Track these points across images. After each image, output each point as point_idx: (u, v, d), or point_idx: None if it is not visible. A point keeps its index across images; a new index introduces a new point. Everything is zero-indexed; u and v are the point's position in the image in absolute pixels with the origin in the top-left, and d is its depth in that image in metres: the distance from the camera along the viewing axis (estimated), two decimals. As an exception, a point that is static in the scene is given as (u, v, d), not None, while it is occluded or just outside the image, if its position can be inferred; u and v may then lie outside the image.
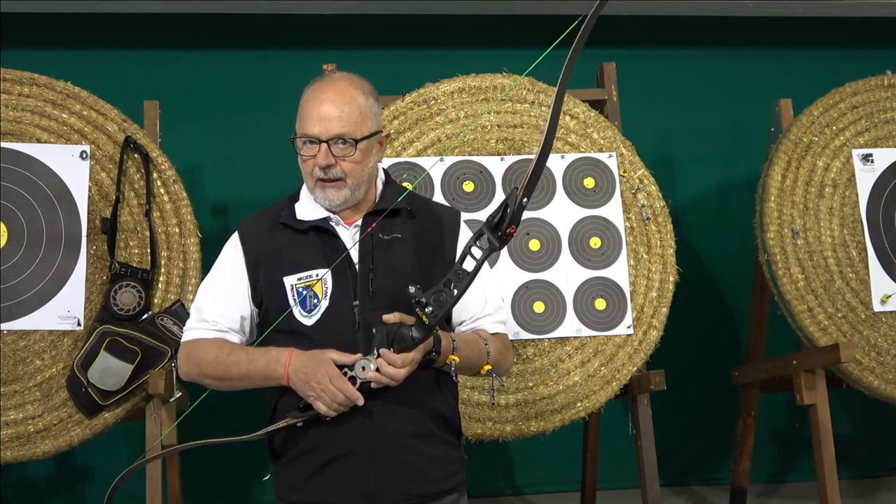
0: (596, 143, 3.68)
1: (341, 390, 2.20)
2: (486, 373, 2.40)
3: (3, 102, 3.45)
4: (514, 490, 4.66)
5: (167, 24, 4.32)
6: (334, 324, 2.33)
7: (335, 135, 2.34)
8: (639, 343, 3.53)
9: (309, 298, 2.35)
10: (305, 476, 2.32)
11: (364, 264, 2.37)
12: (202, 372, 2.38)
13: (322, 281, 2.34)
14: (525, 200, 2.17)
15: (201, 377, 2.39)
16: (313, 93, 2.38)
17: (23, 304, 3.33)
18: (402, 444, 2.31)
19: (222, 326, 2.40)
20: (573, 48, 2.16)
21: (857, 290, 3.65)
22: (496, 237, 2.18)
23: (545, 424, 3.43)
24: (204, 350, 2.37)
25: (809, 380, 3.57)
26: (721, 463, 4.66)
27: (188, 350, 2.40)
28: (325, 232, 2.41)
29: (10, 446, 3.24)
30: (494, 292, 2.54)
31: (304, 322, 2.35)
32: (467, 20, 4.50)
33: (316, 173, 2.37)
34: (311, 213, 2.44)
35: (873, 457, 4.80)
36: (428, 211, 2.51)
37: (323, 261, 2.38)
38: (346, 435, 2.28)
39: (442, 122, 3.61)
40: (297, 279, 2.37)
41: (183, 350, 2.42)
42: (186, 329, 2.44)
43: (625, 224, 3.62)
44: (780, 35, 4.77)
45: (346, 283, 2.36)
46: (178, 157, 3.58)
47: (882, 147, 3.81)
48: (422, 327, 2.20)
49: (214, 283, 2.45)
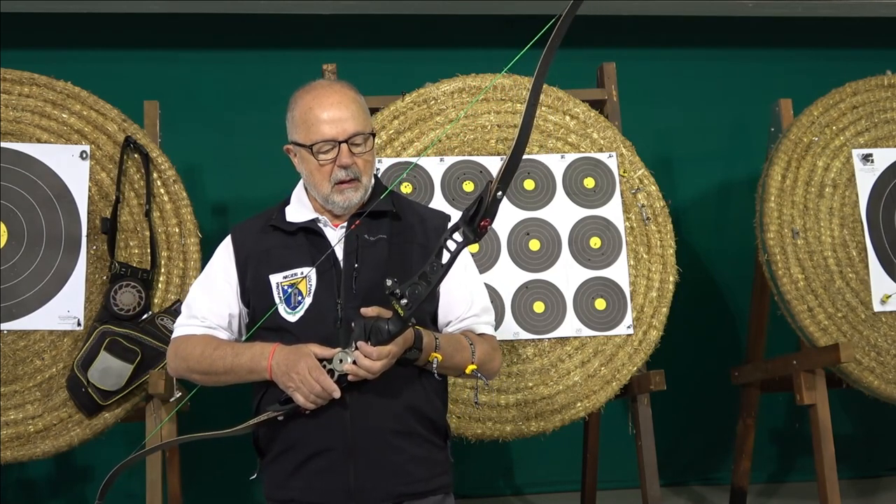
0: (596, 143, 3.68)
1: (318, 381, 2.22)
2: (471, 373, 2.40)
3: (3, 102, 3.45)
4: (514, 490, 4.66)
5: (167, 24, 4.33)
6: (316, 320, 2.36)
7: (351, 133, 2.38)
8: (639, 343, 3.53)
9: (294, 296, 2.38)
10: (288, 473, 2.34)
11: (349, 262, 2.39)
12: (189, 367, 2.41)
13: (307, 279, 2.38)
14: (500, 194, 2.17)
15: (188, 372, 2.42)
16: (315, 99, 2.41)
17: (23, 304, 3.34)
18: (383, 440, 2.32)
19: (211, 323, 2.44)
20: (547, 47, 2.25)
21: (857, 290, 3.65)
22: (471, 230, 2.19)
23: (545, 424, 3.43)
24: (192, 345, 2.41)
25: (809, 380, 3.57)
26: (721, 463, 4.66)
27: (177, 346, 2.44)
28: (313, 233, 2.45)
29: (10, 446, 3.24)
30: (481, 294, 2.55)
31: (288, 318, 2.38)
32: (467, 20, 4.50)
33: (336, 176, 2.39)
34: (300, 216, 2.48)
35: (873, 457, 4.80)
36: (414, 213, 2.54)
37: (309, 260, 2.42)
38: (325, 430, 2.30)
39: (442, 122, 3.61)
40: (283, 277, 2.41)
41: (172, 346, 2.46)
42: (176, 326, 2.49)
43: (625, 224, 3.62)
44: (780, 35, 4.77)
45: (330, 281, 2.39)
46: (178, 157, 3.58)
47: (882, 147, 3.81)
48: (398, 320, 2.21)
49: (205, 282, 2.51)
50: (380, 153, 3.54)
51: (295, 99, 2.44)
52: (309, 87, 2.44)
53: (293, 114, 2.43)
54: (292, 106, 2.44)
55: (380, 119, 3.58)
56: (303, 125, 2.40)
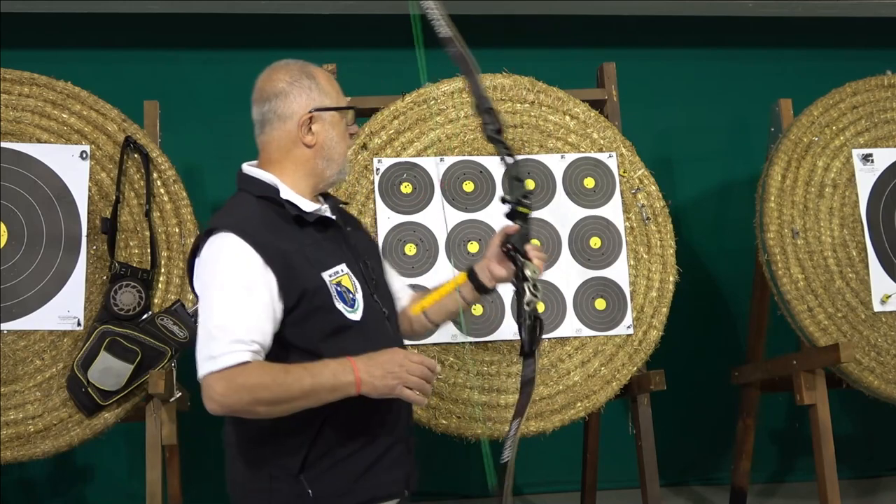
0: (596, 143, 3.68)
1: (421, 362, 2.14)
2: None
3: (3, 102, 3.45)
4: (514, 490, 4.65)
5: (167, 24, 4.32)
6: (373, 315, 2.27)
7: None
8: (639, 343, 3.53)
9: (345, 293, 2.23)
10: (359, 474, 2.20)
11: (356, 253, 2.34)
12: (255, 398, 2.07)
13: (349, 274, 2.26)
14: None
15: (253, 405, 2.08)
16: (322, 72, 2.38)
17: (23, 304, 3.33)
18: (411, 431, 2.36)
19: (256, 347, 2.11)
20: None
21: (857, 290, 3.65)
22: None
23: (545, 424, 3.43)
24: (254, 374, 2.07)
25: (809, 380, 3.57)
26: (721, 463, 4.66)
27: (231, 377, 2.06)
28: (321, 223, 2.30)
29: (10, 446, 3.24)
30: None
31: (350, 318, 2.22)
32: (467, 20, 4.49)
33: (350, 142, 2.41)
34: (309, 205, 2.29)
35: (873, 457, 4.80)
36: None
37: (338, 252, 2.28)
38: (389, 426, 2.24)
39: (442, 122, 3.61)
40: (330, 276, 2.22)
41: (222, 380, 2.06)
42: (218, 356, 2.07)
43: (625, 224, 3.62)
44: (780, 35, 4.77)
45: (357, 272, 2.28)
46: (178, 157, 3.58)
47: (882, 147, 3.81)
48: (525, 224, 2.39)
49: (235, 297, 2.12)
50: (380, 153, 3.54)
51: (307, 69, 2.34)
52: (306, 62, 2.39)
53: (316, 81, 2.30)
54: (311, 74, 2.32)
55: (380, 119, 3.58)
56: (332, 90, 2.32)
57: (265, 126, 2.29)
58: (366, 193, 3.52)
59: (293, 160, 2.28)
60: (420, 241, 3.52)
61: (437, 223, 3.53)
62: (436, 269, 3.49)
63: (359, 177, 3.52)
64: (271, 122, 2.28)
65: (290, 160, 2.28)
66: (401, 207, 3.53)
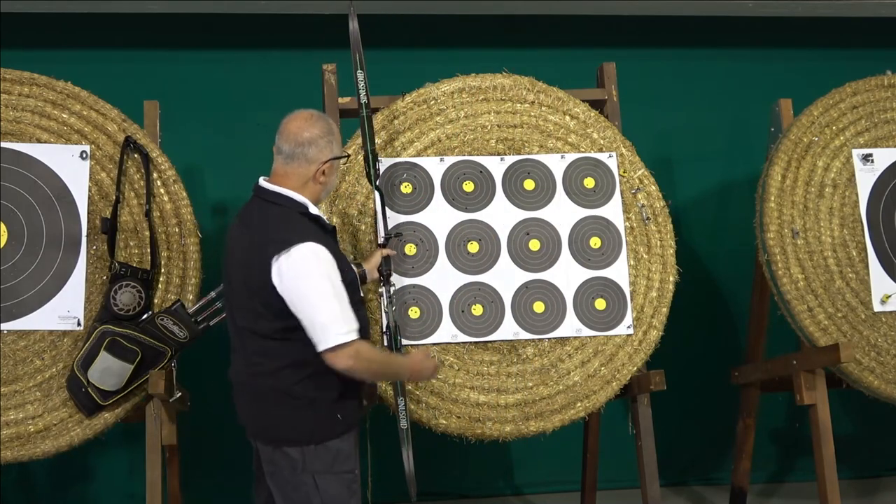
0: (596, 143, 3.68)
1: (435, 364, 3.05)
2: None
3: (3, 102, 3.45)
4: (514, 490, 4.66)
5: (167, 24, 4.32)
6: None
7: None
8: (639, 343, 3.53)
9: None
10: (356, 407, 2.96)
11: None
12: (370, 369, 2.83)
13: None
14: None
15: (368, 373, 2.86)
16: (335, 125, 2.99)
17: (23, 304, 3.34)
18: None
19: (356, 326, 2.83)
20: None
21: (857, 290, 3.65)
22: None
23: (545, 424, 3.43)
24: (371, 351, 2.87)
25: (809, 380, 3.57)
26: (721, 463, 4.66)
27: (357, 349, 2.76)
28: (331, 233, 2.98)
29: (10, 446, 3.24)
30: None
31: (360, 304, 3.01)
32: (467, 20, 4.50)
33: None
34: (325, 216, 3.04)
35: (873, 457, 4.80)
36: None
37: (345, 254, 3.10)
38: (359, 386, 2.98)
39: (442, 122, 3.61)
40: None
41: (350, 350, 2.74)
42: (345, 332, 2.74)
43: (625, 224, 3.62)
44: (780, 35, 4.77)
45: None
46: (178, 157, 3.58)
47: (882, 147, 3.81)
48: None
49: (335, 293, 2.76)
50: (380, 153, 3.54)
51: (332, 126, 2.90)
52: (328, 117, 2.97)
53: (336, 137, 2.91)
54: (332, 129, 2.90)
55: (380, 119, 3.58)
56: (340, 141, 2.97)
57: (293, 160, 2.86)
58: (366, 193, 3.52)
59: (307, 189, 2.89)
60: (420, 241, 3.52)
61: (437, 223, 3.54)
62: (436, 269, 3.49)
63: (359, 177, 3.52)
64: (299, 160, 2.85)
65: (306, 188, 2.89)
66: (401, 207, 3.53)
